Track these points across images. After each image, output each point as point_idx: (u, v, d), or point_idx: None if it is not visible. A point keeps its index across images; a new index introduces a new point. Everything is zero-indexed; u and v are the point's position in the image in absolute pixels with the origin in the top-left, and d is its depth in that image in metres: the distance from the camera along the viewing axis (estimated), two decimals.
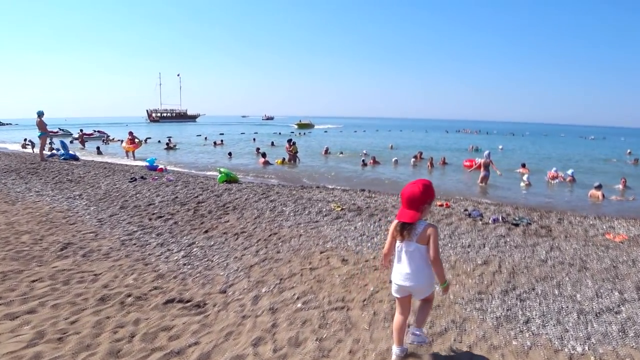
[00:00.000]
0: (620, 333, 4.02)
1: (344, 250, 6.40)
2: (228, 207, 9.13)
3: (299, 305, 4.53)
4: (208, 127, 72.40)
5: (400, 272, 3.30)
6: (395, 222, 3.33)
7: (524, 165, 20.40)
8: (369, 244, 6.69)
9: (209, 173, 16.82)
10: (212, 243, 6.66)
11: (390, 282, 3.50)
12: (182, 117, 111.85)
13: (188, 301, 4.60)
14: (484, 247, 6.69)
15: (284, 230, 7.44)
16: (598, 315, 4.42)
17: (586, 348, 3.75)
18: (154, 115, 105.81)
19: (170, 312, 4.33)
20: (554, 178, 17.29)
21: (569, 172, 17.50)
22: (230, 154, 24.68)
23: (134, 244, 6.51)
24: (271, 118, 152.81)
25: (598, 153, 36.97)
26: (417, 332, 3.42)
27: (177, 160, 22.30)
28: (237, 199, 10.01)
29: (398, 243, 3.32)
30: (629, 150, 36.82)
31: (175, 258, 5.95)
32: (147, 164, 16.97)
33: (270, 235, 7.08)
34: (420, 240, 3.21)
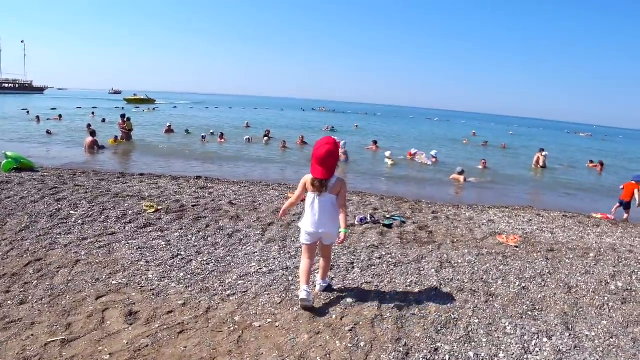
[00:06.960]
0: None
1: (138, 289, 3.88)
2: None
3: None
4: (59, 101, 61.54)
5: (314, 220, 3.61)
6: (309, 177, 3.60)
7: (375, 143, 19.94)
8: (182, 274, 4.24)
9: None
10: None
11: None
12: (26, 88, 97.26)
13: None
14: (353, 268, 4.60)
15: (56, 252, 4.66)
16: None
17: None
18: None
19: None
20: (413, 156, 16.54)
21: (433, 152, 16.96)
22: (48, 131, 20.02)
23: None
24: (119, 92, 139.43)
25: (446, 133, 38.90)
26: (323, 284, 3.97)
27: None
28: (9, 198, 6.78)
29: (311, 195, 3.62)
30: (473, 131, 39.37)
31: None
32: None
33: (26, 265, 4.29)
34: (332, 191, 3.58)
